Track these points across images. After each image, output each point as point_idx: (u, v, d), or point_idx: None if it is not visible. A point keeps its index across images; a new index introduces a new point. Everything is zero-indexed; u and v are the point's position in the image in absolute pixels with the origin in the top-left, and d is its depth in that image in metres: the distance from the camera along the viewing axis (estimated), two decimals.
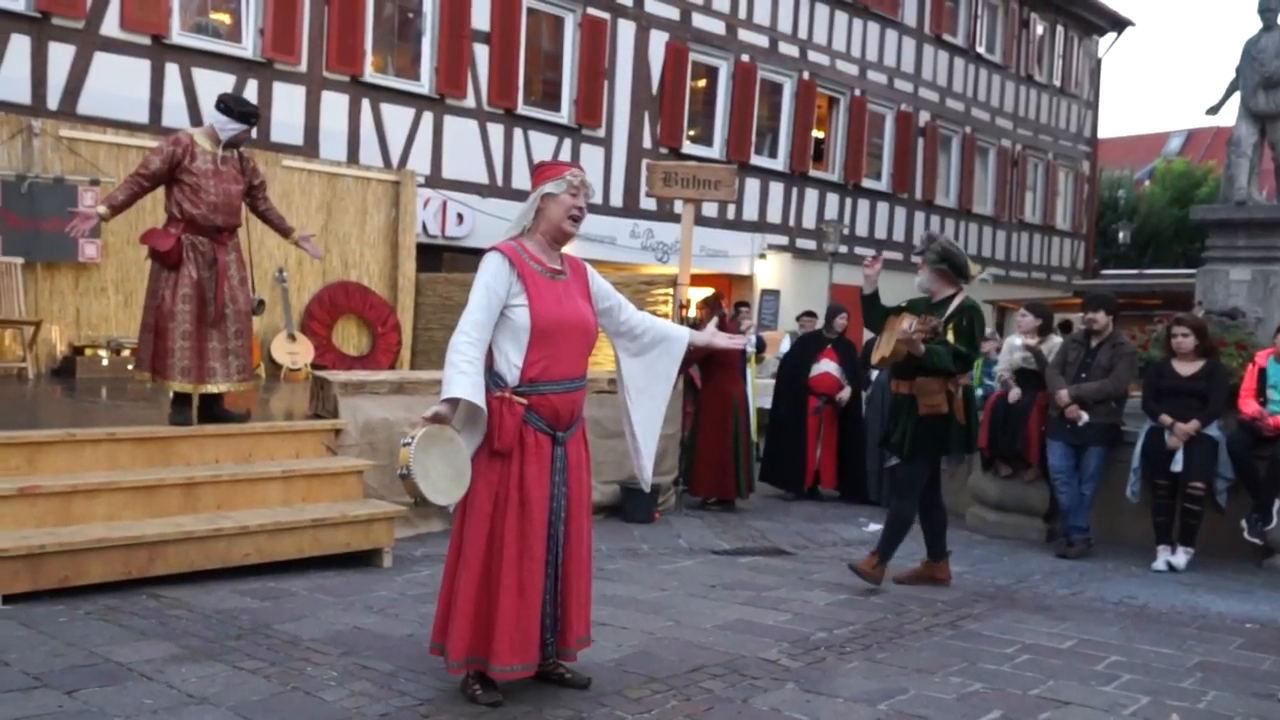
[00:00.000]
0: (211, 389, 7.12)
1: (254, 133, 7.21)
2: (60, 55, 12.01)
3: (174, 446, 6.98)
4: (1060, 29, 27.82)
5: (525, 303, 4.45)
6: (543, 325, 4.45)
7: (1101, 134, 31.29)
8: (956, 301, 7.02)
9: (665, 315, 10.48)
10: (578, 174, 4.64)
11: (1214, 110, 11.82)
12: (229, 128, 7.06)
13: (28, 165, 10.77)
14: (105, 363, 10.90)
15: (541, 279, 4.53)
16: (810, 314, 13.84)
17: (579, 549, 4.63)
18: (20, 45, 11.72)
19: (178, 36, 12.90)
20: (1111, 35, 29.41)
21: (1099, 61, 29.71)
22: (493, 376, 4.48)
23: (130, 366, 10.60)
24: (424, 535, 7.96)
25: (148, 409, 8.08)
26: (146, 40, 12.60)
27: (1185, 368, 8.43)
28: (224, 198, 7.00)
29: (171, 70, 12.83)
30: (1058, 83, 27.94)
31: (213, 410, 7.29)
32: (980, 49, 25.22)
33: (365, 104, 14.70)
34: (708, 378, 10.27)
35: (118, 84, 12.37)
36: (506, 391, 4.43)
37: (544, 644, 4.55)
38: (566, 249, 4.78)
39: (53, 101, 11.93)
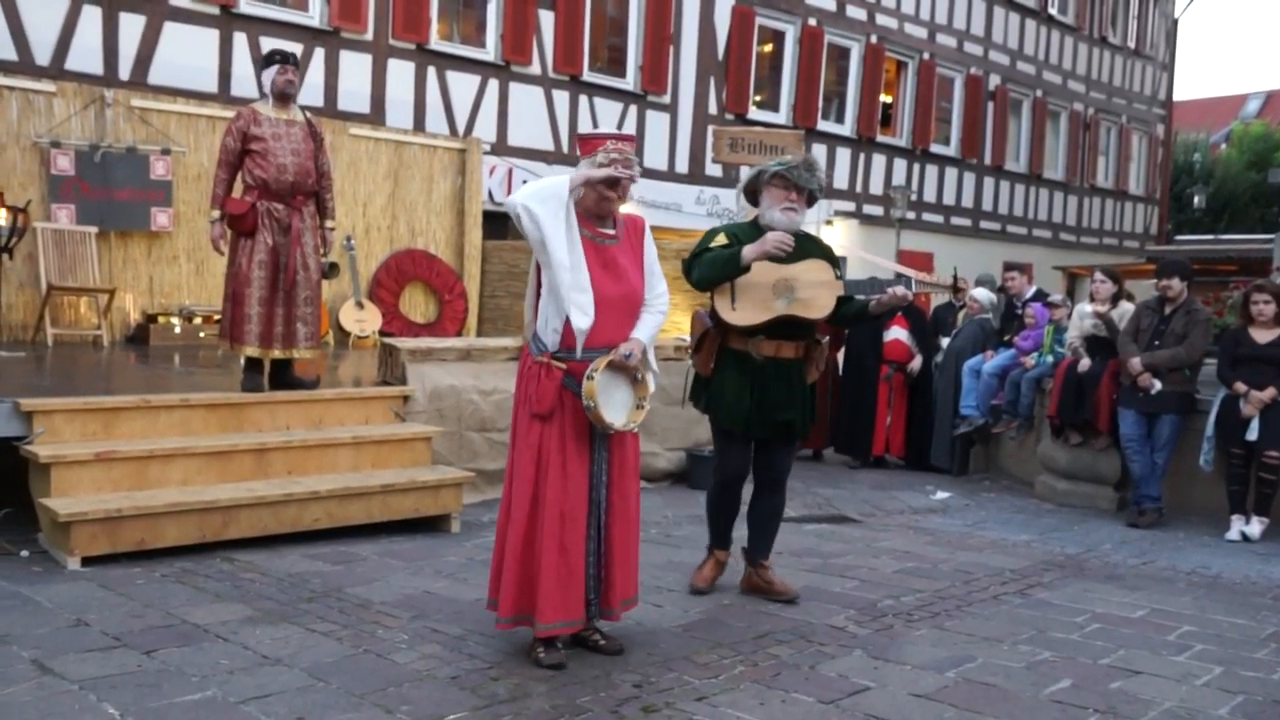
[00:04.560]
0: (279, 354, 7.24)
1: (292, 76, 7.25)
2: (130, 25, 12.14)
3: (246, 413, 7.09)
4: None
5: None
6: None
7: (1177, 96, 30.67)
8: (819, 242, 5.76)
9: None
10: (611, 150, 4.54)
11: None
12: (263, 75, 7.32)
13: (100, 135, 10.93)
14: (178, 330, 11.06)
15: (590, 245, 4.52)
16: None
17: (624, 512, 4.68)
18: (91, 16, 11.87)
19: (245, 6, 12.97)
20: None
21: (1175, 22, 29.06)
22: (534, 340, 4.58)
23: (202, 334, 10.81)
24: (491, 501, 7.97)
25: (220, 376, 8.21)
26: (215, 10, 12.70)
27: (1263, 335, 8.27)
28: (293, 158, 7.11)
29: (240, 39, 12.92)
30: (1132, 44, 27.35)
31: (283, 377, 7.40)
32: (1052, 10, 24.73)
33: (431, 72, 14.72)
34: None
35: (187, 53, 12.48)
36: (546, 356, 4.50)
37: (587, 603, 4.61)
38: (634, 211, 4.70)
39: (124, 71, 12.07)
